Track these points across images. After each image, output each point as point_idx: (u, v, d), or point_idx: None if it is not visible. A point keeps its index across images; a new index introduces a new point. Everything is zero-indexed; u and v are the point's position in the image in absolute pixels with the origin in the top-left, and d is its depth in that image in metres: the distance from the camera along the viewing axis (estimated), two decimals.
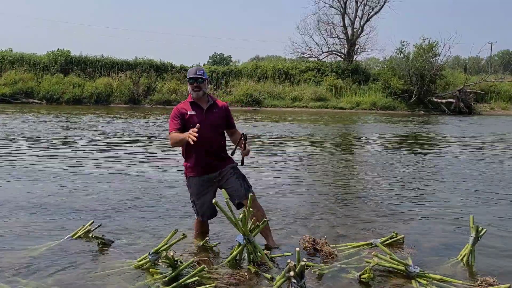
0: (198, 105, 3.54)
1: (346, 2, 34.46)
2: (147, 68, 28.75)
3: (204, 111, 3.53)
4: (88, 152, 8.59)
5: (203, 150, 3.50)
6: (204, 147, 3.48)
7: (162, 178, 6.31)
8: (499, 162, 8.71)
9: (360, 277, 2.99)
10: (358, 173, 7.32)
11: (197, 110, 3.53)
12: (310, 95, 28.27)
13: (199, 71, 3.52)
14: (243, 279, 2.97)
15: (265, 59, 57.28)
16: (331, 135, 13.51)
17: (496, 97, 31.01)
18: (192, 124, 3.43)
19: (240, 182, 3.50)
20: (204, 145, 3.48)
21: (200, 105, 3.55)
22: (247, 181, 3.59)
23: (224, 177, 3.54)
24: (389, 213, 4.77)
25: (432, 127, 17.77)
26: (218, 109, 3.62)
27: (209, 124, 3.49)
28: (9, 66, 26.91)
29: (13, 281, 2.88)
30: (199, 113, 3.51)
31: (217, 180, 3.56)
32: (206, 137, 3.47)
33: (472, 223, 3.44)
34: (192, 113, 3.51)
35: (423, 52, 28.83)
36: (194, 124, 3.41)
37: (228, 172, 3.54)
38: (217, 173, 3.55)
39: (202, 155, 3.52)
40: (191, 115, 3.50)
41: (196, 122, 3.43)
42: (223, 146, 3.66)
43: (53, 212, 4.44)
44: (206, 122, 3.47)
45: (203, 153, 3.52)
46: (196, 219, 3.77)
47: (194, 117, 3.49)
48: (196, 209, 3.66)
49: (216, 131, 3.58)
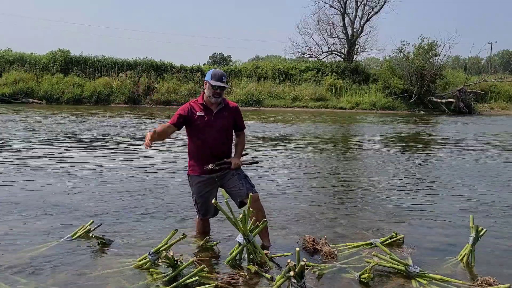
0: (208, 108, 3.53)
1: (346, 2, 34.49)
2: (147, 68, 28.74)
3: (213, 114, 3.52)
4: (88, 152, 8.59)
5: (208, 152, 3.52)
6: (209, 149, 3.51)
7: (162, 178, 6.31)
8: (499, 162, 8.71)
9: (360, 277, 2.99)
10: (358, 173, 7.32)
11: (206, 112, 3.51)
12: (310, 95, 28.26)
13: (224, 78, 3.47)
14: (243, 279, 2.97)
15: (265, 59, 57.31)
16: (331, 135, 13.51)
17: (496, 97, 31.01)
18: (200, 126, 3.48)
19: (242, 181, 3.50)
20: (210, 148, 3.51)
21: (210, 108, 3.53)
22: (249, 181, 3.58)
23: (225, 177, 3.55)
24: (389, 213, 4.77)
25: (432, 127, 17.77)
26: (228, 111, 3.59)
27: (216, 127, 3.50)
28: (9, 66, 26.87)
29: (13, 281, 2.88)
30: (208, 116, 3.51)
31: (218, 179, 3.57)
32: (213, 140, 3.51)
33: (472, 223, 3.44)
34: (201, 114, 3.50)
35: (423, 52, 28.83)
36: (201, 126, 3.47)
37: (229, 172, 3.54)
38: (219, 173, 3.55)
39: (206, 156, 3.52)
40: (199, 116, 3.50)
41: (204, 125, 3.48)
42: (229, 149, 3.66)
43: (53, 212, 4.44)
44: (213, 126, 3.49)
45: (208, 155, 3.52)
46: (197, 218, 3.78)
47: (202, 119, 3.49)
48: (197, 208, 3.67)
49: (223, 134, 3.57)
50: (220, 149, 3.56)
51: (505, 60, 52.97)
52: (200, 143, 3.54)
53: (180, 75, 28.99)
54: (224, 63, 54.27)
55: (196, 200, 3.65)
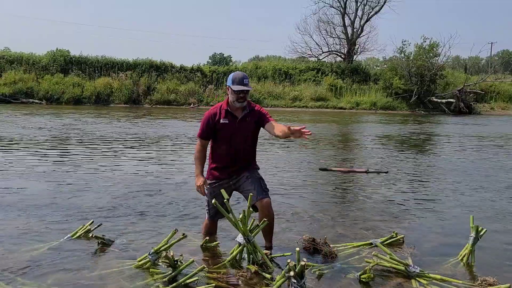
0: (233, 114, 3.46)
1: (346, 2, 34.51)
2: (147, 68, 28.74)
3: (238, 120, 3.46)
4: (88, 152, 8.59)
5: (230, 159, 3.51)
6: (232, 157, 3.50)
7: (163, 178, 6.31)
8: (500, 162, 8.71)
9: (360, 277, 3.00)
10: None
11: (230, 119, 3.45)
12: (310, 95, 28.27)
13: (246, 80, 3.37)
14: (243, 279, 2.97)
15: (265, 59, 57.33)
16: (331, 135, 13.51)
17: (496, 97, 31.02)
18: (224, 133, 3.44)
19: (254, 185, 3.43)
20: (233, 155, 3.49)
21: (234, 114, 3.46)
22: (262, 184, 3.48)
23: (239, 181, 3.53)
24: (389, 213, 4.77)
25: (432, 127, 17.77)
26: (252, 116, 3.48)
27: (241, 134, 3.46)
28: (8, 65, 26.86)
29: (13, 281, 2.88)
30: (232, 123, 3.45)
31: (233, 183, 3.56)
32: (236, 147, 3.48)
33: (472, 223, 3.44)
34: (225, 121, 3.44)
35: (424, 52, 28.83)
36: (226, 133, 3.43)
37: (244, 176, 3.51)
38: (234, 176, 3.54)
39: (228, 163, 3.51)
40: (223, 123, 3.44)
41: (228, 132, 3.44)
42: (252, 155, 3.61)
43: (53, 212, 4.44)
44: (238, 132, 3.45)
45: (230, 162, 3.51)
46: (206, 219, 3.77)
47: (226, 126, 3.45)
48: (208, 208, 3.67)
49: (248, 140, 3.52)
50: (243, 155, 3.53)
51: (505, 60, 53.00)
52: (224, 149, 3.49)
53: (180, 75, 29.00)
54: (224, 63, 54.20)
55: (208, 200, 3.63)
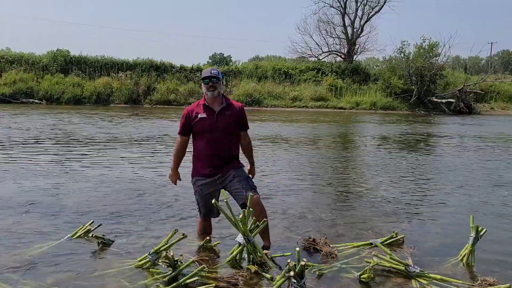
0: (210, 108, 3.50)
1: (346, 2, 34.53)
2: (147, 68, 28.74)
3: (215, 114, 3.49)
4: (88, 152, 8.59)
5: (211, 153, 3.50)
6: (213, 151, 3.49)
7: (162, 178, 6.30)
8: (500, 162, 8.70)
9: (360, 277, 3.00)
10: (358, 172, 7.32)
11: (208, 113, 3.49)
12: (310, 95, 28.26)
13: (213, 70, 3.49)
14: (243, 279, 2.97)
15: (265, 59, 57.37)
16: (331, 135, 13.51)
17: (496, 97, 31.02)
18: (202, 127, 3.47)
19: (242, 183, 3.46)
20: (213, 149, 3.49)
21: (212, 108, 3.50)
22: (250, 182, 3.53)
23: (226, 179, 3.53)
24: (389, 213, 4.77)
25: (432, 127, 17.77)
26: (232, 111, 3.55)
27: (219, 127, 3.47)
28: (8, 65, 26.86)
29: (13, 281, 2.88)
30: (210, 116, 3.48)
31: (220, 181, 3.55)
32: (216, 140, 3.48)
33: (472, 223, 3.44)
34: (202, 116, 3.48)
35: (424, 52, 28.82)
36: (205, 127, 3.46)
37: (230, 174, 3.52)
38: (219, 175, 3.54)
39: (210, 158, 3.51)
40: (201, 118, 3.48)
41: (206, 126, 3.47)
42: (233, 149, 3.61)
43: (53, 212, 4.44)
44: (216, 126, 3.47)
45: (211, 156, 3.51)
46: (199, 218, 3.78)
47: (203, 120, 3.48)
48: (199, 207, 3.67)
49: (227, 135, 3.53)
50: (224, 149, 3.52)
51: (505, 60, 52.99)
52: (204, 144, 3.50)
53: (181, 75, 29.00)
54: (224, 63, 54.23)
55: (197, 200, 3.65)
